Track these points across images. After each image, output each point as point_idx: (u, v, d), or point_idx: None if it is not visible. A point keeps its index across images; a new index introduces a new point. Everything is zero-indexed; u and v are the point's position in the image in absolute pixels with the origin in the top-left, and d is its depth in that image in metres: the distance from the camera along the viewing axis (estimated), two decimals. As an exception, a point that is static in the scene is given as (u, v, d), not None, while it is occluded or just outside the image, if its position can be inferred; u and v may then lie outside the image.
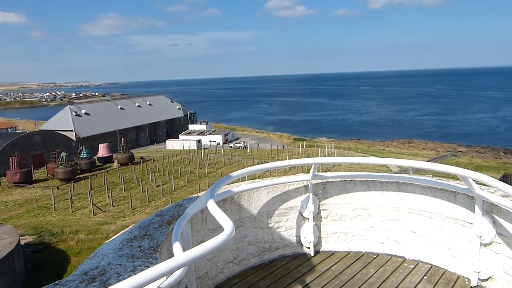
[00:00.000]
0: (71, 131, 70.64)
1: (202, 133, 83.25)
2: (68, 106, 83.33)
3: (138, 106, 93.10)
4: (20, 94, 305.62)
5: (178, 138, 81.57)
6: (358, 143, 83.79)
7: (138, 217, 33.23)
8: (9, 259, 19.50)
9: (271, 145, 71.06)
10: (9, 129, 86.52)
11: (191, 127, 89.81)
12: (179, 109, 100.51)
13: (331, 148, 65.75)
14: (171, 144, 75.94)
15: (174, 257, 2.18)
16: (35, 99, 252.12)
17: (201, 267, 4.33)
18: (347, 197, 5.28)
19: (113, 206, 36.60)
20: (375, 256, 5.13)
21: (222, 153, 62.62)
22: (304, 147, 70.33)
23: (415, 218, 4.94)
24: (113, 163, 57.31)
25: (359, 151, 70.35)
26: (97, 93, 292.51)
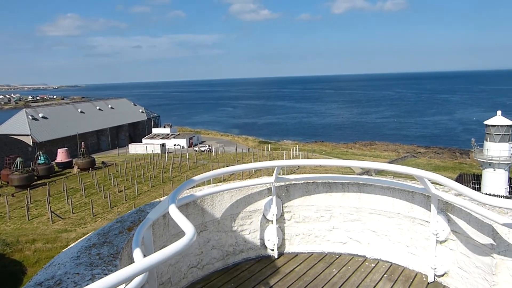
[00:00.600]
0: (27, 135, 67.71)
1: (166, 136, 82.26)
2: (24, 109, 79.74)
3: (99, 109, 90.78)
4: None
5: (142, 142, 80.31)
6: (322, 145, 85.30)
7: (99, 224, 32.31)
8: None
9: (236, 148, 71.09)
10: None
11: (155, 130, 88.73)
12: (142, 112, 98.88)
13: (296, 151, 66.55)
14: (134, 148, 74.60)
15: (134, 263, 2.14)
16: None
17: (164, 273, 4.26)
18: (309, 199, 5.35)
19: (73, 213, 35.43)
20: (337, 256, 5.22)
21: (187, 157, 62.03)
22: (269, 150, 70.79)
23: (376, 218, 5.08)
24: (73, 168, 55.78)
25: (323, 153, 71.60)
26: (55, 96, 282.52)
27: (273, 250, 5.25)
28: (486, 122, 39.19)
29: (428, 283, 4.43)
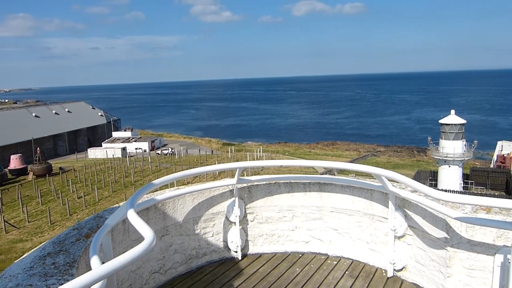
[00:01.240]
0: (-22, 142, 64.29)
1: (127, 140, 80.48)
2: (-27, 114, 75.77)
3: (56, 113, 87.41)
4: None
5: (101, 146, 78.21)
6: (285, 146, 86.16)
7: (58, 232, 31.07)
8: None
9: (199, 150, 70.53)
10: None
11: (115, 134, 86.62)
12: (101, 115, 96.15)
13: (260, 152, 66.86)
14: (94, 153, 72.41)
15: (90, 271, 2.07)
16: None
17: (125, 280, 4.15)
18: (272, 199, 5.38)
19: (28, 222, 33.90)
20: (300, 255, 5.27)
21: (149, 161, 60.88)
22: (233, 151, 70.72)
23: (337, 216, 5.17)
24: (27, 175, 53.50)
25: (287, 154, 72.32)
26: (7, 100, 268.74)
27: (236, 252, 5.24)
28: (441, 121, 40.94)
29: (388, 278, 4.56)
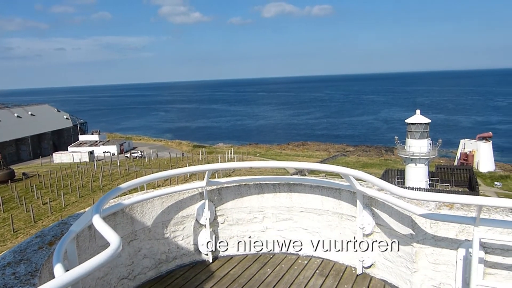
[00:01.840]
0: None
1: (94, 143, 78.67)
2: None
3: (18, 116, 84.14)
4: None
5: (67, 150, 76.13)
6: (256, 147, 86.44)
7: (21, 240, 29.88)
8: None
9: (170, 153, 69.71)
10: None
11: (82, 138, 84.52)
12: (67, 119, 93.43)
13: (231, 154, 66.73)
14: (59, 157, 70.34)
15: (53, 279, 2.00)
16: None
17: (91, 287, 4.04)
18: (242, 201, 5.38)
19: (-10, 230, 32.48)
20: (271, 256, 5.29)
21: (118, 164, 59.62)
22: (204, 153, 70.26)
23: (306, 216, 5.22)
24: (-12, 181, 51.07)
25: (258, 155, 72.53)
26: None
27: (207, 255, 5.20)
28: (407, 121, 42.19)
29: (357, 275, 4.64)
